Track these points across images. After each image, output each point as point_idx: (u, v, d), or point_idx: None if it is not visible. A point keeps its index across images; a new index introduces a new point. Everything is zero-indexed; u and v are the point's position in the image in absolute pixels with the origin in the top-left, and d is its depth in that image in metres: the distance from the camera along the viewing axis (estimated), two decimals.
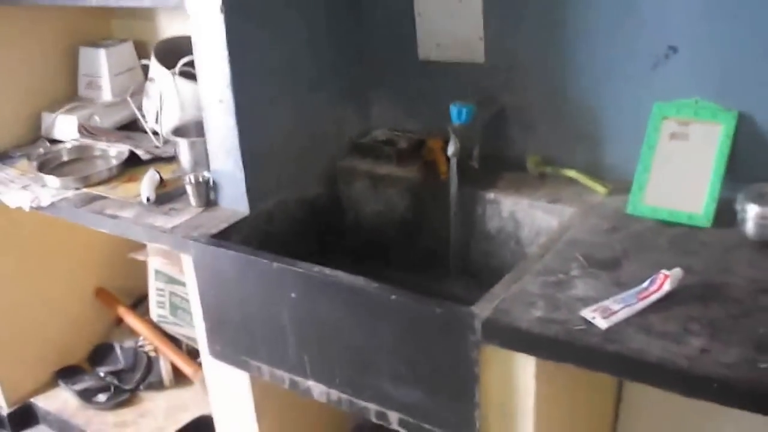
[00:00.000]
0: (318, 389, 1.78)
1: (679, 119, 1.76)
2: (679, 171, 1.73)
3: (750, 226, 1.57)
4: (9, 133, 2.68)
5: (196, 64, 1.95)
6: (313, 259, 1.74)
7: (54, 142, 2.65)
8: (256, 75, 1.93)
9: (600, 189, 1.88)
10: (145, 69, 2.63)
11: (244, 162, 1.94)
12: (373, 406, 1.69)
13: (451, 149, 1.96)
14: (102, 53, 2.67)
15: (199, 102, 2.00)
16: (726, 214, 1.65)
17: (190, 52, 2.09)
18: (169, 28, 2.69)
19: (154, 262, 2.69)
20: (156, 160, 2.36)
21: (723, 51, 1.71)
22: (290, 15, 2.00)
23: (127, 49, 2.71)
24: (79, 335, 3.01)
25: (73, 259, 2.93)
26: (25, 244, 2.77)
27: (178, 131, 2.25)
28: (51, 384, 2.97)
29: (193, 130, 2.24)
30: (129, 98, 2.54)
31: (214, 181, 2.02)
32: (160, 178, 2.17)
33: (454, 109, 1.97)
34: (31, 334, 2.87)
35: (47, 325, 2.91)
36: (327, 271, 1.67)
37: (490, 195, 2.00)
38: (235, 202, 2.00)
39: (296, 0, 2.01)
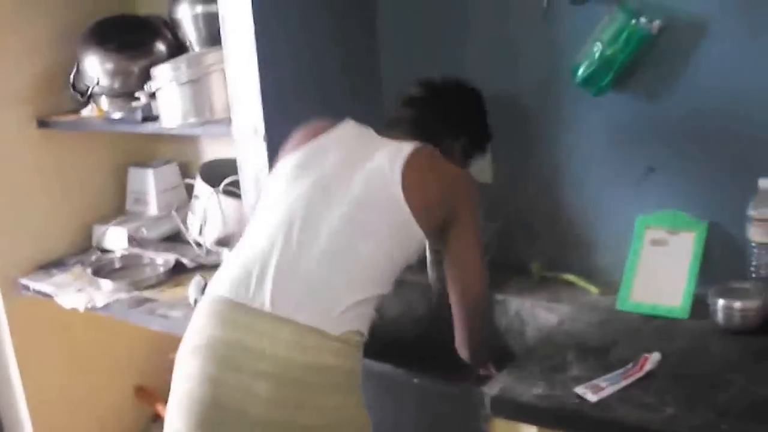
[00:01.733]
0: None
1: (659, 228, 2.04)
2: (660, 272, 2.00)
3: (720, 317, 1.83)
4: (64, 242, 2.98)
5: (241, 183, 2.25)
6: None
7: (104, 251, 2.95)
8: None
9: (593, 289, 2.15)
10: (188, 187, 2.95)
11: None
12: None
13: None
14: (150, 173, 3.00)
15: (241, 217, 2.30)
16: (701, 307, 1.91)
17: (231, 172, 2.41)
18: (209, 151, 3.01)
19: None
20: (200, 268, 2.64)
21: (693, 171, 2.02)
22: None
23: (172, 169, 3.03)
24: (119, 428, 3.22)
25: (116, 358, 3.15)
26: (75, 342, 3.03)
27: (221, 242, 2.54)
28: None
29: (234, 241, 2.51)
30: (174, 213, 2.84)
31: None
32: (206, 283, 2.44)
33: None
34: (75, 424, 3.08)
35: (90, 416, 3.11)
36: None
37: (499, 296, 2.25)
38: None
39: None
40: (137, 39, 2.74)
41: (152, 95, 2.50)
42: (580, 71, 2.04)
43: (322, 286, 1.66)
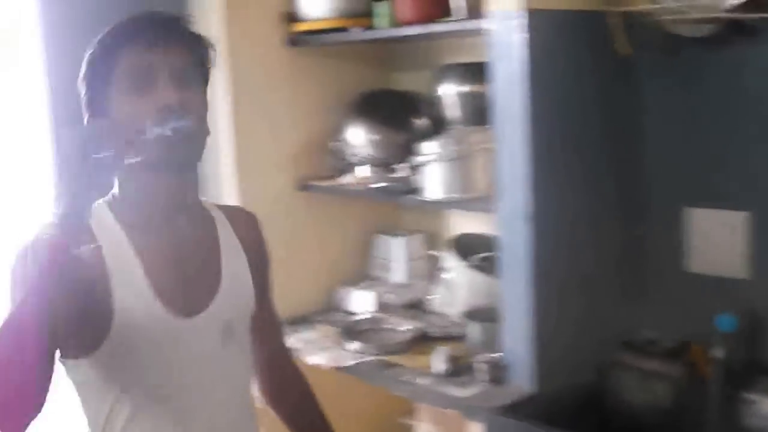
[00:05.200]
0: None
1: None
2: None
3: None
4: (309, 300, 3.12)
5: (500, 262, 2.31)
6: None
7: (346, 312, 3.07)
8: (552, 280, 2.28)
9: None
10: (430, 257, 3.04)
11: (534, 349, 2.26)
12: None
13: (718, 353, 2.18)
14: (398, 241, 3.12)
15: (489, 291, 2.36)
16: None
17: (481, 247, 2.47)
18: (456, 224, 3.09)
19: (422, 429, 2.99)
20: (444, 337, 2.70)
21: None
22: (582, 228, 2.35)
23: (418, 240, 3.12)
24: None
25: (343, 415, 3.23)
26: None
27: (468, 314, 2.60)
28: None
29: (481, 314, 2.57)
30: (419, 282, 2.93)
31: (504, 361, 2.33)
32: (450, 353, 2.49)
33: (721, 319, 2.21)
34: None
35: None
36: None
37: (750, 396, 2.18)
38: (521, 381, 2.29)
39: (590, 220, 2.38)
40: (400, 113, 2.89)
41: (413, 168, 2.61)
42: None
43: None
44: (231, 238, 1.70)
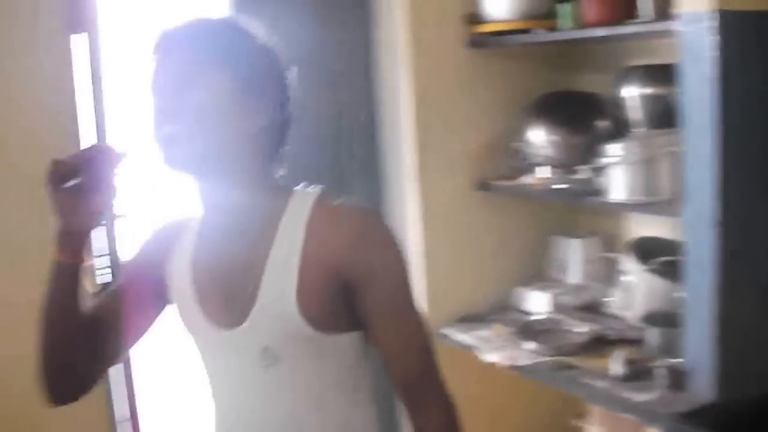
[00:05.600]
0: None
1: None
2: None
3: None
4: (484, 299, 3.16)
5: (684, 267, 2.28)
6: None
7: (522, 312, 3.09)
8: (737, 287, 2.22)
9: None
10: (607, 259, 3.02)
11: (716, 357, 2.22)
12: None
13: None
14: (576, 243, 3.11)
15: (668, 296, 2.33)
16: None
17: (660, 251, 2.44)
18: (632, 227, 3.05)
19: None
20: (620, 340, 2.68)
21: None
22: None
23: (595, 242, 3.10)
24: None
25: (514, 417, 3.29)
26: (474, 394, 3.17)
27: (646, 318, 2.57)
28: None
29: (660, 318, 2.53)
30: (595, 284, 2.93)
31: (685, 367, 2.30)
32: (628, 357, 2.48)
33: None
34: None
35: None
36: None
37: None
38: (702, 388, 2.25)
39: None
40: (582, 115, 2.88)
41: (595, 170, 2.61)
42: None
43: None
44: (289, 252, 1.45)
